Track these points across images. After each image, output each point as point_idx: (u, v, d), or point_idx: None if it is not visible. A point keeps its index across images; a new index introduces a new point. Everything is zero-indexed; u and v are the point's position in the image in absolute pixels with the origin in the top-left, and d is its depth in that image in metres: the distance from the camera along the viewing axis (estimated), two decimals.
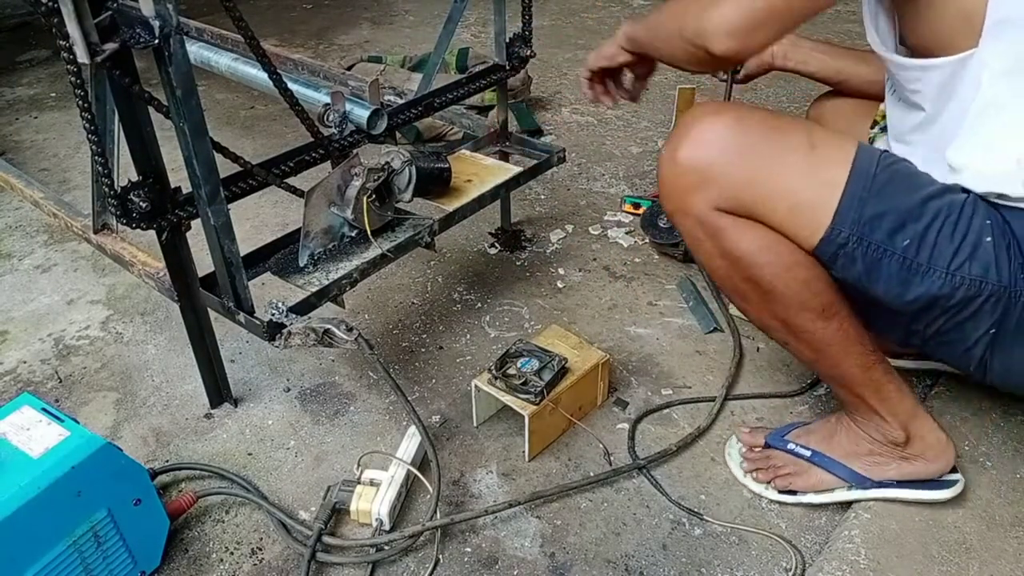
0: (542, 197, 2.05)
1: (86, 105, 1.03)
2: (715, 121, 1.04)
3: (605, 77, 1.30)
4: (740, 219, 1.04)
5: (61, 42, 0.95)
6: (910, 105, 1.05)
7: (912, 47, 1.01)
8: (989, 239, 0.96)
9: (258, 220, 1.95)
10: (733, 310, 1.57)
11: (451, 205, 1.43)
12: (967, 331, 1.01)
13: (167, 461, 1.31)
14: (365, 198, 1.26)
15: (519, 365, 1.28)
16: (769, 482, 1.21)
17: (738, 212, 1.04)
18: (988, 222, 0.96)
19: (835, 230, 0.99)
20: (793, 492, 1.20)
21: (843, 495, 1.17)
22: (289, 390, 1.46)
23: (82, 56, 0.96)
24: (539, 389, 1.23)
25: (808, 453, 1.19)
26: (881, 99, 1.19)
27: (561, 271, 1.77)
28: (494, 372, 1.27)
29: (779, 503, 1.21)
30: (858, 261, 1.00)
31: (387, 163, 1.29)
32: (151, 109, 1.09)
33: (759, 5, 0.95)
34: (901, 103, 1.08)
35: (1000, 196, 0.95)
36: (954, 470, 1.13)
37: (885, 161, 1.00)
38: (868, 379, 1.09)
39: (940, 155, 1.00)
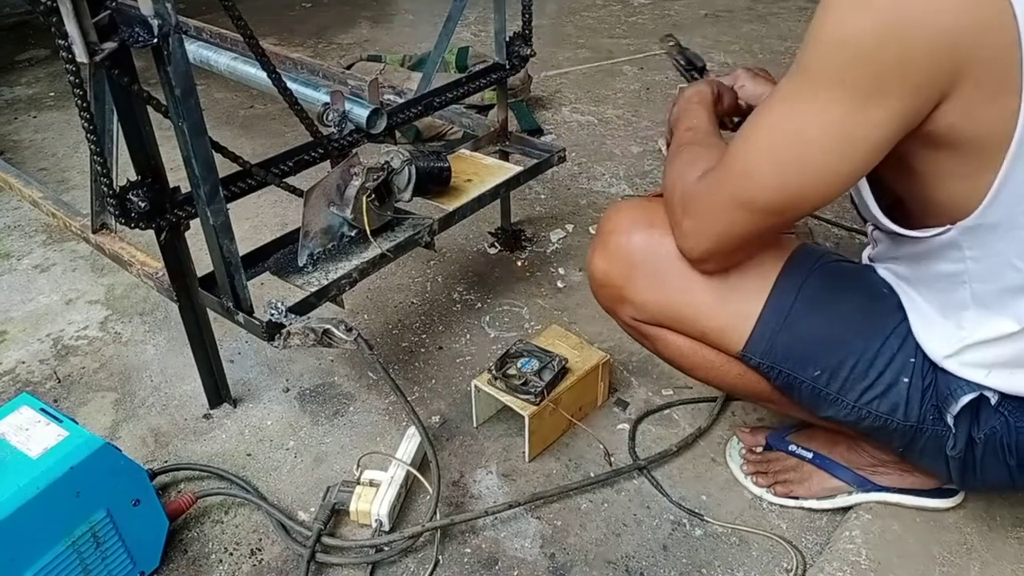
0: (542, 197, 2.04)
1: (85, 104, 1.03)
2: (627, 240, 1.05)
3: None
4: (662, 329, 1.07)
5: (60, 41, 0.95)
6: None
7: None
8: (907, 380, 0.95)
9: (257, 220, 1.95)
10: None
11: (451, 205, 1.42)
12: (880, 441, 1.06)
13: (166, 461, 1.31)
14: (365, 198, 1.26)
15: (519, 365, 1.27)
16: (769, 487, 1.21)
17: (660, 324, 1.06)
18: (912, 360, 0.94)
19: (746, 356, 1.01)
20: (794, 497, 1.20)
21: (844, 501, 1.16)
22: (288, 390, 1.46)
23: (81, 55, 0.96)
24: (539, 389, 1.23)
25: (810, 455, 1.19)
26: None
27: (561, 271, 1.76)
28: (494, 372, 1.26)
29: (780, 505, 1.20)
30: (772, 379, 1.02)
31: (387, 162, 1.28)
32: (150, 108, 1.09)
33: (722, 236, 0.93)
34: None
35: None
36: None
37: (812, 281, 0.98)
38: None
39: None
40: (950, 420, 0.93)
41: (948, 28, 0.72)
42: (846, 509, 1.17)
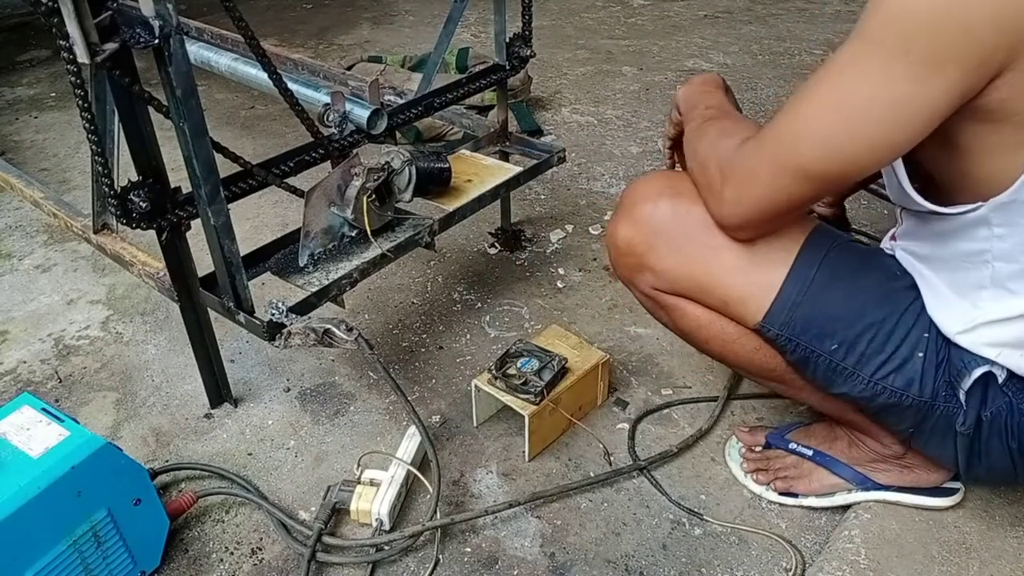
0: (542, 197, 2.05)
1: (86, 105, 1.03)
2: (653, 209, 1.05)
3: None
4: (681, 299, 1.07)
5: (61, 42, 0.95)
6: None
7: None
8: (921, 355, 0.95)
9: (258, 220, 1.95)
10: None
11: (451, 205, 1.43)
12: (890, 422, 1.06)
13: (167, 461, 1.31)
14: (365, 198, 1.26)
15: (519, 365, 1.28)
16: (769, 483, 1.21)
17: (679, 294, 1.07)
18: (926, 335, 0.95)
19: (765, 327, 1.01)
20: (794, 494, 1.20)
21: (844, 499, 1.17)
22: (289, 390, 1.46)
23: (82, 56, 0.96)
24: (539, 389, 1.23)
25: (810, 452, 1.19)
26: None
27: (561, 271, 1.77)
28: (494, 372, 1.27)
29: (779, 504, 1.21)
30: (788, 352, 1.02)
31: (387, 163, 1.29)
32: (151, 109, 1.09)
33: (764, 203, 0.92)
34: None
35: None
36: (955, 477, 1.13)
37: (832, 256, 0.99)
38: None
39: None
40: (962, 396, 0.94)
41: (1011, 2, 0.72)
42: (845, 508, 1.17)
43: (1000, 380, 0.93)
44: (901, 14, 0.76)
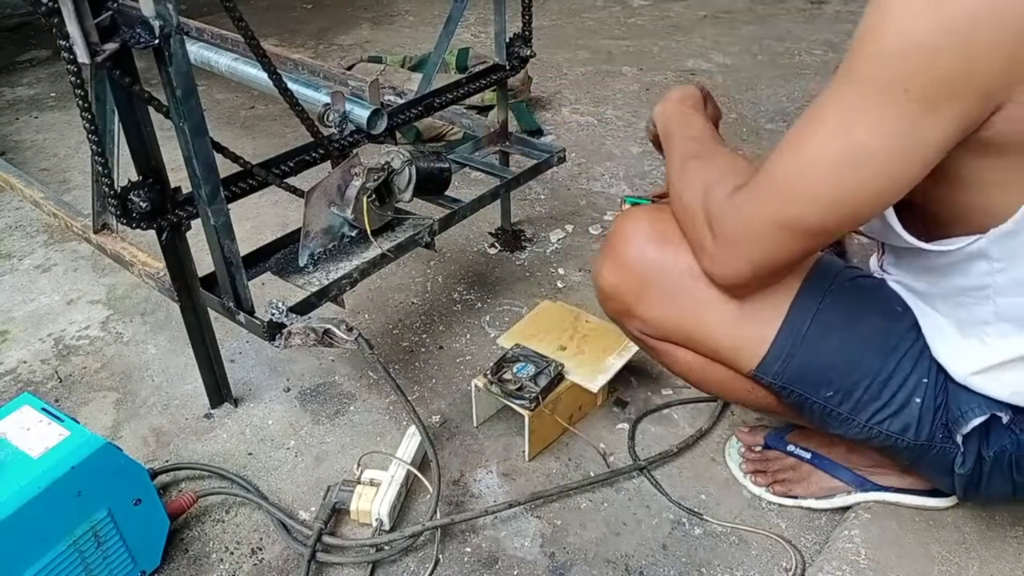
0: (542, 197, 2.05)
1: (86, 105, 1.03)
2: (640, 255, 1.00)
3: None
4: (670, 344, 1.04)
5: (61, 42, 0.95)
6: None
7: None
8: (919, 400, 0.93)
9: (258, 220, 1.95)
10: None
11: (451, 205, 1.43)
12: (887, 456, 1.06)
13: (167, 461, 1.31)
14: (365, 198, 1.26)
15: (515, 370, 1.27)
16: (768, 486, 1.21)
17: (669, 341, 1.04)
18: (925, 380, 0.93)
19: (758, 376, 0.98)
20: (793, 496, 1.20)
21: (843, 501, 1.16)
22: (289, 390, 1.46)
23: (82, 56, 0.96)
24: (534, 395, 1.22)
25: (808, 455, 1.19)
26: None
27: (561, 271, 1.77)
28: (490, 377, 1.26)
29: (779, 504, 1.21)
30: (783, 397, 1.00)
31: (387, 163, 1.29)
32: (151, 109, 1.09)
33: (760, 262, 0.87)
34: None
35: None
36: None
37: (828, 302, 0.94)
38: None
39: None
40: (959, 439, 0.92)
41: (1011, 30, 0.69)
42: (845, 508, 1.17)
43: (1005, 421, 0.90)
44: (897, 52, 0.71)
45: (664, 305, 1.00)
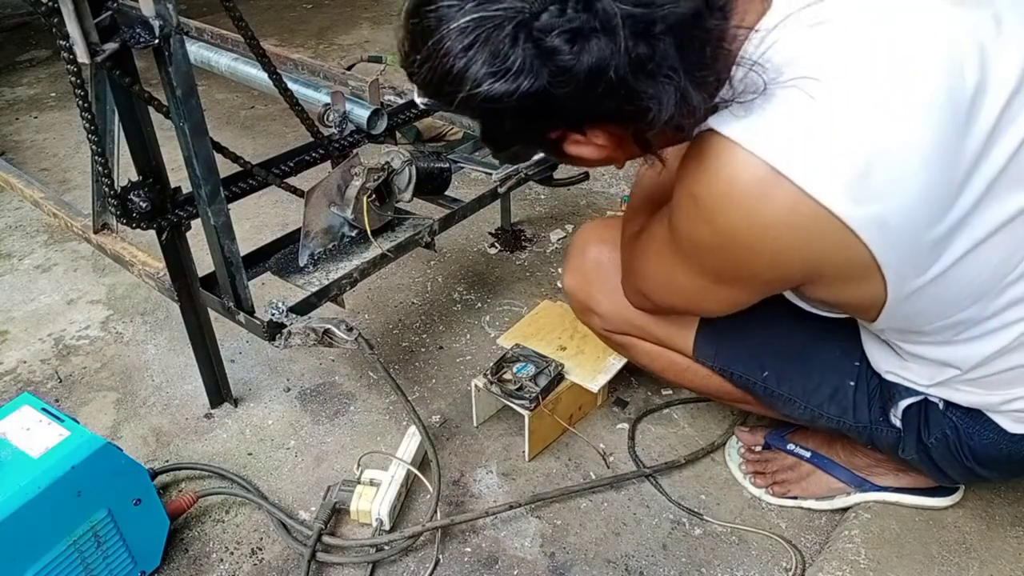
0: (542, 197, 2.05)
1: (86, 105, 1.03)
2: (583, 258, 1.11)
3: None
4: (630, 337, 1.12)
5: (61, 42, 0.95)
6: None
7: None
8: (852, 383, 0.96)
9: (258, 220, 1.95)
10: None
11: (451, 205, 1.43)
12: (851, 440, 1.08)
13: (167, 461, 1.31)
14: (365, 198, 1.26)
15: (515, 370, 1.27)
16: (767, 487, 1.21)
17: (627, 333, 1.12)
18: (857, 364, 0.96)
19: (698, 359, 1.05)
20: (793, 497, 1.20)
21: (843, 502, 1.17)
22: (289, 390, 1.46)
23: (82, 56, 0.96)
24: (534, 395, 1.22)
25: (808, 454, 1.19)
26: None
27: (561, 271, 1.76)
28: (490, 377, 1.26)
29: (779, 504, 1.20)
30: (729, 380, 1.05)
31: (387, 163, 1.29)
32: (151, 109, 1.09)
33: (647, 307, 1.01)
34: None
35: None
36: None
37: None
38: None
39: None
40: (896, 421, 0.94)
41: (790, 249, 0.72)
42: (845, 508, 1.17)
43: (940, 407, 0.92)
44: (688, 240, 0.79)
45: (609, 300, 1.09)
